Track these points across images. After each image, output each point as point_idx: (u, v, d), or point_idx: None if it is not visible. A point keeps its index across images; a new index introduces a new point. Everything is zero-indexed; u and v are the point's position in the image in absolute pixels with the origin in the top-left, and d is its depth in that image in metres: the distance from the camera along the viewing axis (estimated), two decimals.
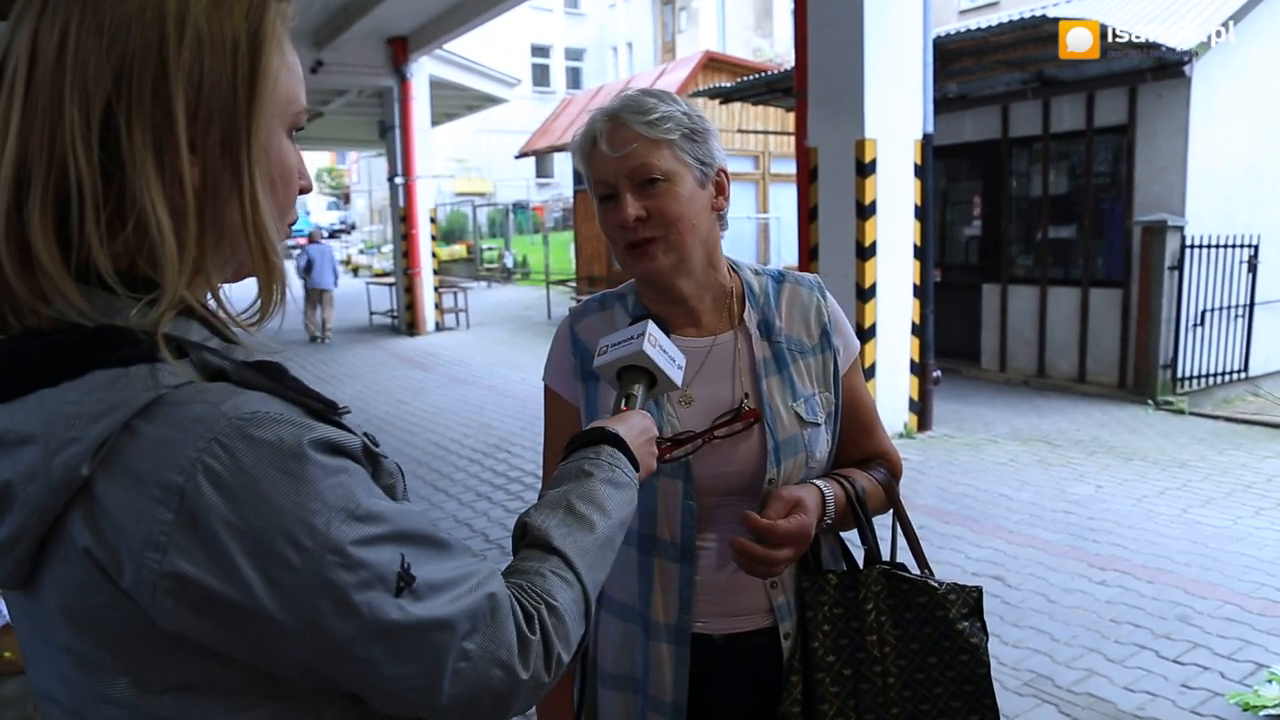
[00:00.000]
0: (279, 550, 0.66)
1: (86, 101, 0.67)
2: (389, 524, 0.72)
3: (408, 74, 14.52)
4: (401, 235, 15.43)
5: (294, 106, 0.78)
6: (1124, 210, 8.91)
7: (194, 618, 0.66)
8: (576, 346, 1.47)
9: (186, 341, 0.70)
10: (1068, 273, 9.54)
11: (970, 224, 10.68)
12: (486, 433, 8.10)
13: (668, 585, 1.40)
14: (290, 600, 0.67)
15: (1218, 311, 8.80)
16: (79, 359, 0.67)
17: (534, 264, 24.26)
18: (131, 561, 0.64)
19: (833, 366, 1.45)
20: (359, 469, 0.73)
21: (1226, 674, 3.57)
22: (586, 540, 0.91)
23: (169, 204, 0.69)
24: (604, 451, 1.03)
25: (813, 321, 1.46)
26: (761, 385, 1.40)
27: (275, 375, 0.73)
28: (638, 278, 1.42)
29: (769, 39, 30.32)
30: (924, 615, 1.40)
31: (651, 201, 1.33)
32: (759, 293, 1.46)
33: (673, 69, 16.19)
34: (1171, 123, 8.46)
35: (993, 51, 8.43)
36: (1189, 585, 4.45)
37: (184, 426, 0.65)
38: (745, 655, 1.41)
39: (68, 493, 0.65)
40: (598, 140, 1.35)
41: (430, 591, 0.73)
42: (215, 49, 0.70)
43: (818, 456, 1.41)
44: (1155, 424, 7.97)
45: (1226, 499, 5.81)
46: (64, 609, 0.69)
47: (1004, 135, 9.90)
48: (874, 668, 1.39)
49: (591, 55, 36.69)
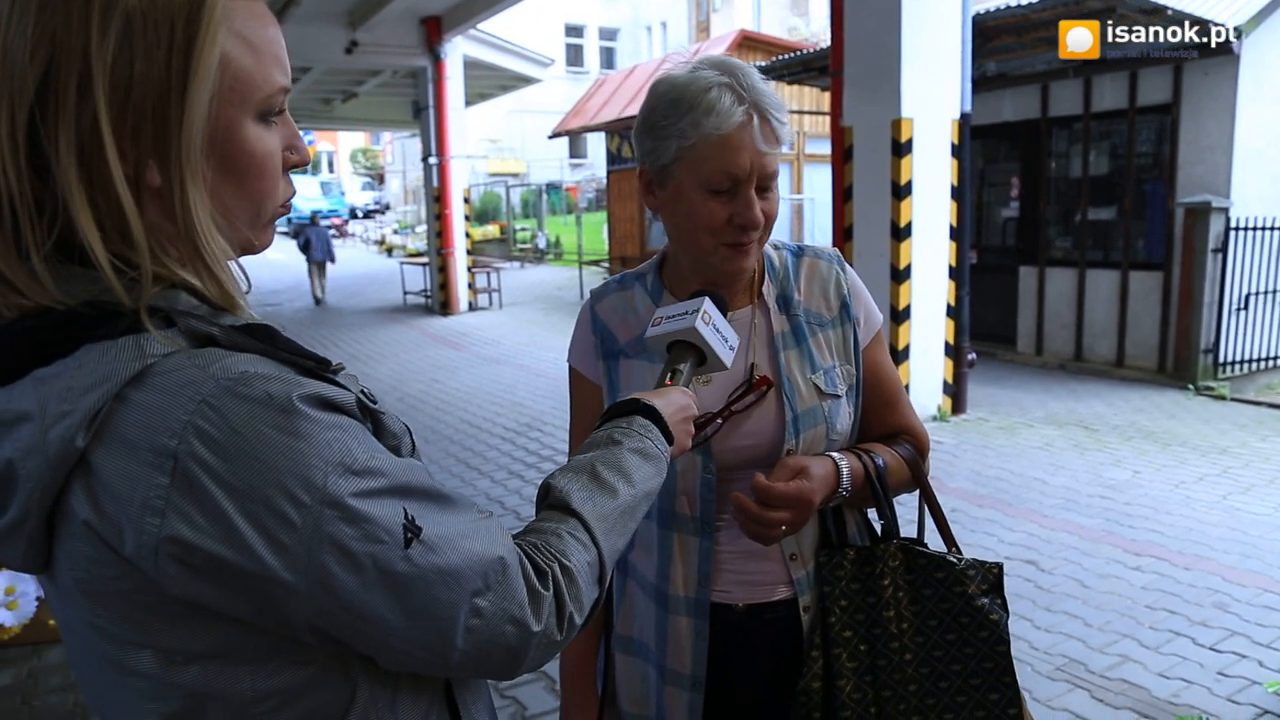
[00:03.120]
0: (277, 507, 0.66)
1: (12, 114, 0.67)
2: (389, 478, 0.72)
3: (441, 54, 14.53)
4: (435, 215, 15.49)
5: (261, 90, 0.75)
6: (1166, 191, 8.75)
7: (198, 581, 0.66)
8: (596, 326, 1.47)
9: (174, 311, 0.71)
10: (1107, 255, 9.39)
11: (1008, 205, 10.53)
12: (519, 412, 8.15)
13: (687, 558, 1.40)
14: (293, 558, 0.66)
15: (1262, 295, 8.63)
16: (69, 336, 0.68)
17: (567, 244, 24.27)
18: (131, 529, 0.65)
19: (853, 339, 1.43)
20: (354, 424, 0.72)
21: (1265, 662, 3.52)
22: (607, 506, 0.91)
23: (102, 202, 0.68)
24: (636, 422, 1.02)
25: (832, 294, 1.44)
26: (780, 358, 1.39)
27: (265, 337, 0.72)
28: (728, 274, 1.36)
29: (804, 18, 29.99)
30: (942, 591, 1.39)
31: (766, 205, 1.31)
32: (778, 267, 1.45)
33: (707, 48, 16.06)
34: (1218, 101, 8.28)
35: (1033, 29, 8.27)
36: (1227, 572, 4.39)
37: (173, 391, 0.66)
38: (766, 626, 1.41)
39: (66, 465, 0.66)
40: (746, 127, 1.25)
41: (439, 544, 0.73)
42: (147, 38, 0.68)
43: (838, 429, 1.40)
44: (1195, 409, 7.84)
45: (1268, 486, 5.71)
46: (79, 584, 0.70)
47: (1043, 115, 9.74)
48: (891, 644, 1.38)
49: (625, 35, 36.50)
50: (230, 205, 0.76)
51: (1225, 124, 8.26)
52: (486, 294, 16.18)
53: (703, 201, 1.29)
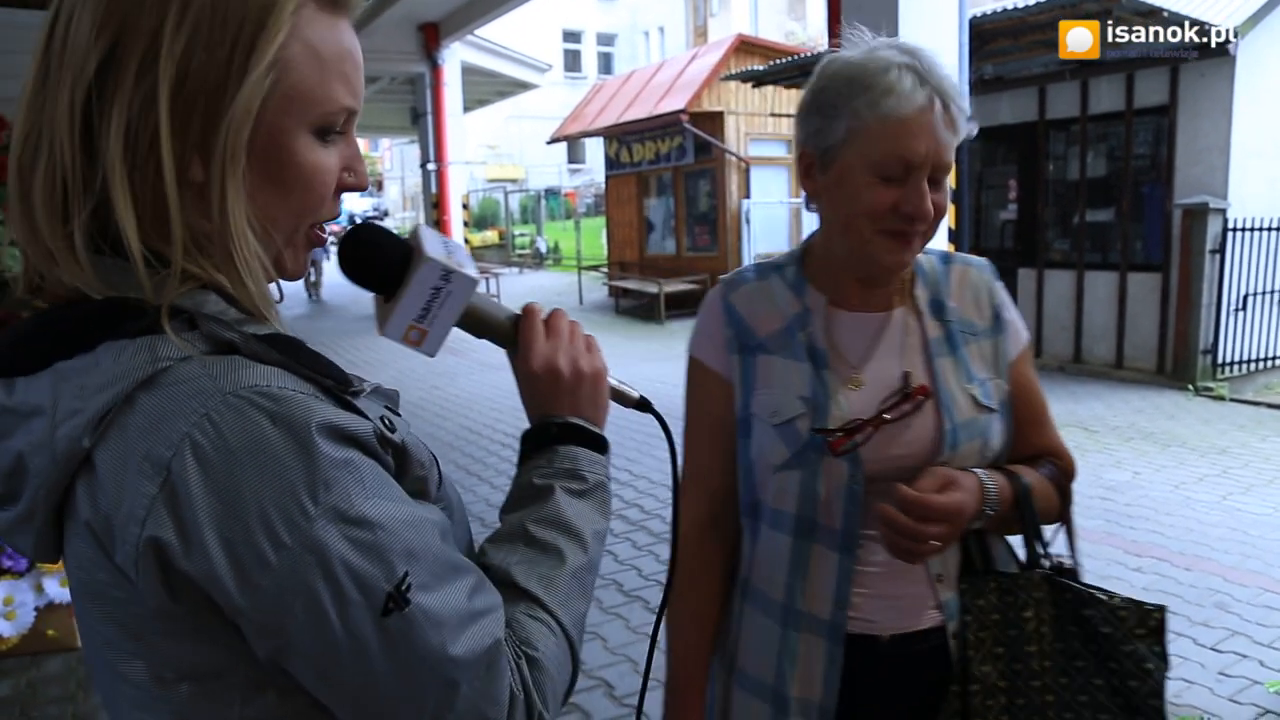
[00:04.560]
0: (256, 543, 0.62)
1: (74, 84, 0.67)
2: (388, 533, 0.66)
3: (439, 60, 14.55)
4: (434, 221, 15.49)
5: (320, 105, 0.72)
6: (1164, 193, 8.76)
7: (172, 597, 0.64)
8: (731, 317, 1.37)
9: (199, 313, 0.68)
10: (1105, 257, 9.40)
11: (1006, 207, 10.54)
12: (519, 418, 8.06)
13: (823, 576, 1.29)
14: (261, 598, 0.63)
15: (1260, 296, 8.64)
16: (91, 331, 0.67)
17: (566, 250, 24.29)
18: (120, 534, 0.63)
19: (1003, 352, 1.35)
20: (366, 463, 0.68)
21: (1266, 662, 3.53)
22: (555, 574, 0.81)
23: (142, 188, 0.67)
24: (558, 455, 0.87)
25: (984, 303, 1.36)
26: (935, 365, 1.29)
27: (288, 349, 0.69)
28: (886, 267, 1.27)
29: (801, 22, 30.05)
30: (1090, 630, 1.25)
31: (937, 197, 1.22)
32: (928, 271, 1.36)
33: (705, 53, 16.09)
34: (1215, 103, 8.29)
35: (1030, 32, 8.28)
36: (1228, 572, 4.39)
37: (180, 400, 0.63)
38: (913, 661, 1.30)
39: (71, 465, 0.65)
40: (929, 112, 1.19)
41: (425, 621, 0.66)
42: (214, 31, 0.67)
43: (993, 445, 1.30)
44: (1194, 410, 7.85)
45: (1268, 486, 5.72)
46: (80, 584, 0.69)
47: (1041, 117, 9.76)
48: (1031, 682, 1.26)
49: (623, 40, 36.56)
50: (270, 214, 0.73)
51: (1222, 125, 8.27)
52: None
53: (869, 186, 1.21)
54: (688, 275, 14.93)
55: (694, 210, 15.49)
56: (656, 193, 16.35)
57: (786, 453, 1.30)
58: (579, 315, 15.36)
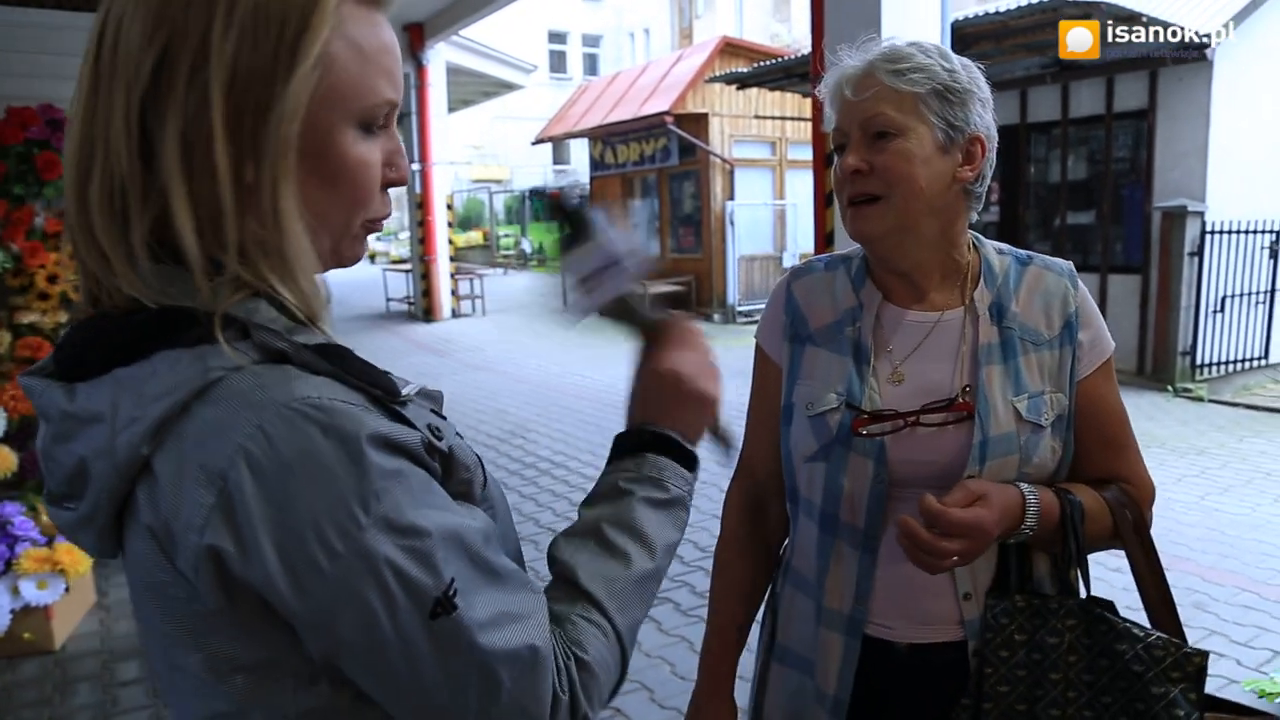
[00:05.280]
0: (309, 551, 0.64)
1: (128, 92, 0.68)
2: (435, 541, 0.68)
3: (424, 60, 14.49)
4: (418, 222, 15.44)
5: (364, 99, 0.74)
6: (1143, 196, 8.84)
7: (229, 600, 0.66)
8: (790, 305, 1.38)
9: (251, 323, 0.69)
10: (1086, 259, 9.47)
11: (988, 210, 10.60)
12: (502, 419, 8.13)
13: (844, 571, 1.29)
14: (315, 602, 0.65)
15: (1238, 298, 8.73)
16: (148, 339, 0.69)
17: (550, 251, 24.24)
18: (180, 540, 0.66)
19: (1069, 365, 1.27)
20: (415, 472, 0.69)
21: (1243, 661, 3.56)
22: (619, 578, 0.82)
23: (200, 192, 0.68)
24: (646, 463, 0.88)
25: (1055, 311, 1.28)
26: (980, 373, 1.24)
27: (338, 359, 0.70)
28: (858, 239, 1.28)
29: (786, 24, 30.12)
30: (1120, 667, 1.21)
31: (879, 157, 1.21)
32: (998, 272, 1.31)
33: (690, 54, 16.11)
34: (1193, 106, 8.38)
35: (1012, 35, 8.35)
36: (1206, 572, 4.43)
37: (234, 410, 0.65)
38: (931, 670, 1.29)
39: (131, 471, 0.67)
40: (842, 84, 1.25)
41: (470, 624, 0.69)
42: (260, 34, 0.69)
43: (1034, 462, 1.24)
44: (1174, 411, 7.92)
45: (1245, 486, 5.78)
46: (141, 582, 0.72)
47: (1022, 120, 9.82)
48: (1051, 710, 1.23)
49: (608, 41, 36.56)
50: (322, 211, 0.74)
51: (1200, 129, 8.36)
52: (470, 300, 16.13)
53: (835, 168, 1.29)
54: (672, 277, 14.94)
55: (678, 212, 15.51)
56: (641, 194, 16.37)
57: (815, 445, 1.30)
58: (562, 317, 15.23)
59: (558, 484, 6.14)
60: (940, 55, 1.25)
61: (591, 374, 10.31)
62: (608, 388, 9.44)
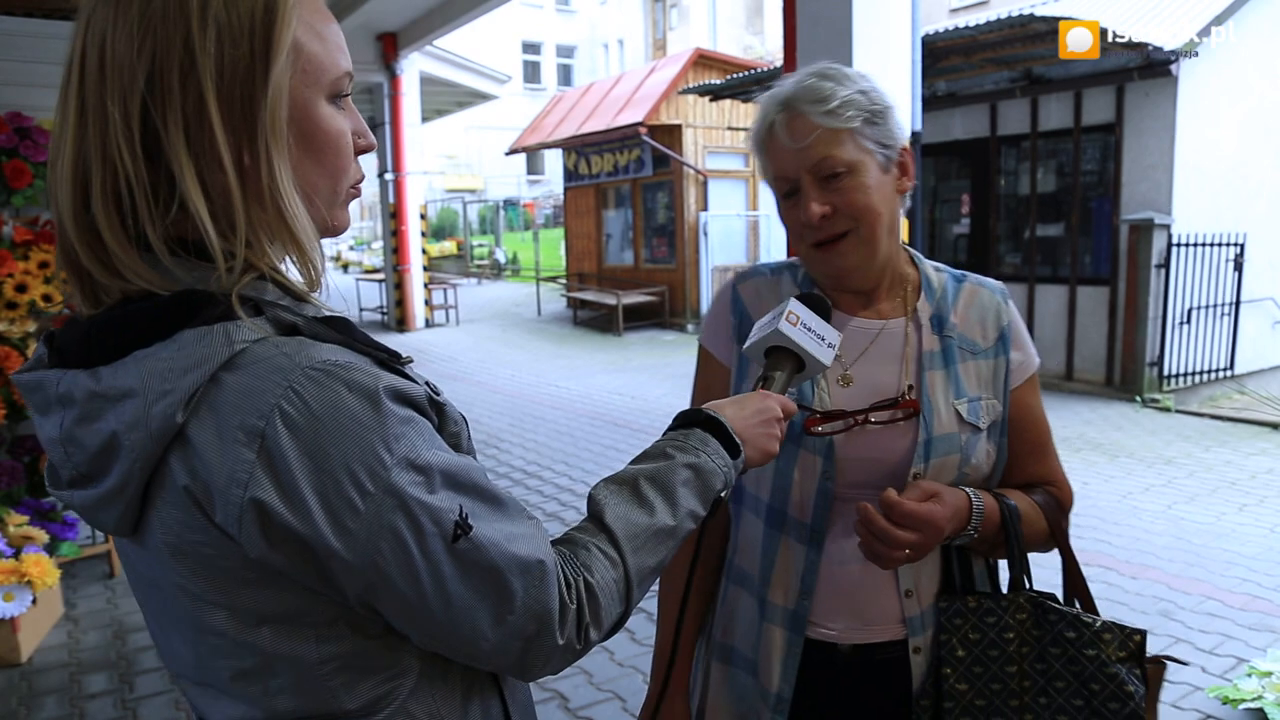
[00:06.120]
0: (345, 492, 0.71)
1: (124, 101, 0.74)
2: (448, 476, 0.77)
3: (398, 70, 14.47)
4: (391, 231, 15.38)
5: (330, 74, 0.82)
6: (1111, 208, 8.96)
7: (273, 548, 0.72)
8: (736, 306, 1.42)
9: (262, 300, 0.77)
10: (1055, 271, 9.59)
11: (959, 222, 10.71)
12: (475, 429, 8.08)
13: (790, 567, 1.33)
14: (354, 540, 0.72)
15: (1204, 309, 8.86)
16: (169, 321, 0.74)
17: (524, 261, 24.24)
18: (221, 497, 0.71)
19: (1004, 374, 1.36)
20: (423, 421, 0.78)
21: (1208, 668, 3.61)
22: (640, 523, 0.92)
23: (210, 184, 0.75)
24: (694, 435, 1.01)
25: (990, 324, 1.37)
26: (924, 376, 1.32)
27: (343, 329, 0.79)
28: (827, 278, 1.34)
29: (760, 36, 30.33)
30: (1071, 652, 1.28)
31: (837, 196, 1.26)
32: (936, 287, 1.39)
33: (663, 66, 16.17)
34: (1159, 121, 8.51)
35: (981, 50, 8.46)
36: (1172, 581, 4.49)
37: (263, 375, 0.71)
38: (873, 669, 1.33)
39: (166, 439, 0.72)
40: (775, 130, 1.28)
41: (485, 543, 0.78)
42: (234, 31, 0.75)
43: (972, 462, 1.32)
44: (1142, 421, 8.02)
45: (1210, 495, 5.86)
46: (168, 546, 0.76)
47: (992, 133, 9.94)
48: (1010, 701, 1.29)
49: (582, 52, 36.63)
50: (312, 181, 0.82)
51: (1166, 143, 8.49)
52: (443, 310, 16.08)
53: (784, 210, 1.33)
54: (646, 287, 14.97)
55: (652, 222, 15.54)
56: (615, 204, 16.39)
57: None
58: (537, 327, 15.42)
59: (531, 494, 6.13)
60: (852, 80, 1.29)
61: (565, 384, 10.30)
62: (581, 398, 9.44)
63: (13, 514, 4.07)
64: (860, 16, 6.54)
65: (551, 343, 13.82)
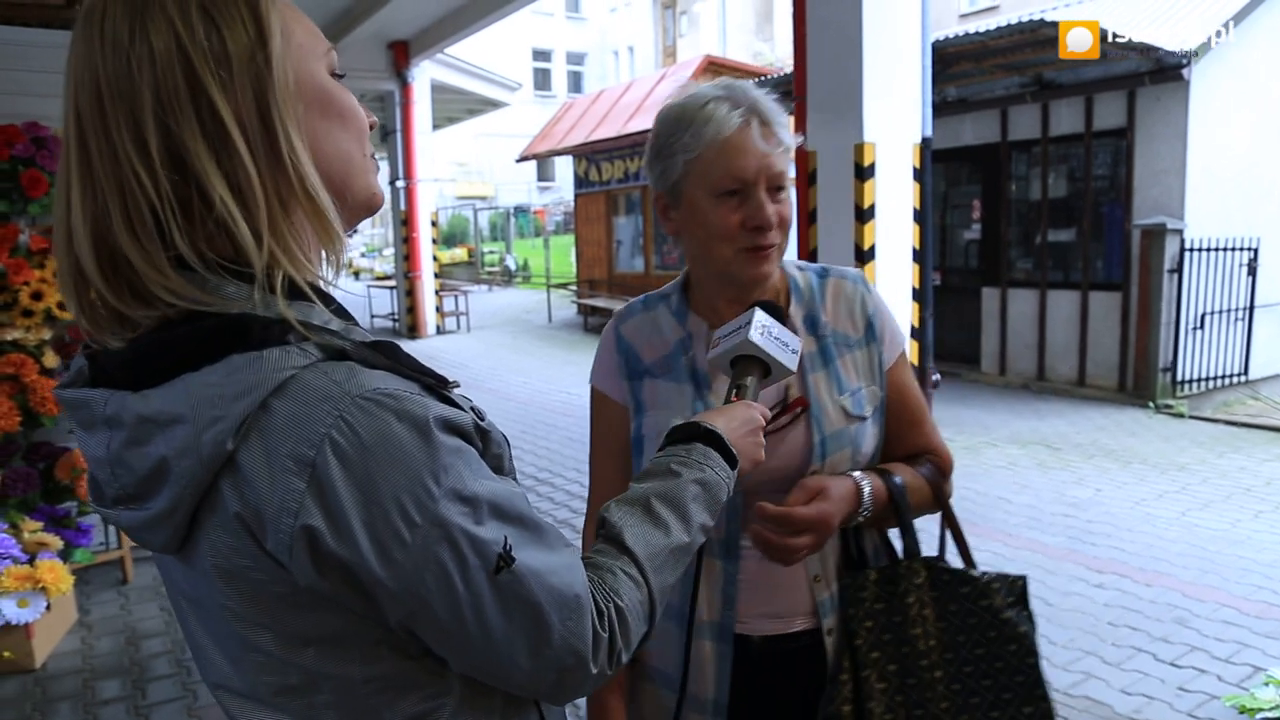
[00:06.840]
0: (393, 523, 0.72)
1: (138, 130, 0.73)
2: (494, 506, 0.78)
3: (409, 78, 14.54)
4: (403, 239, 15.44)
5: (321, 45, 0.84)
6: (1123, 213, 8.93)
7: (320, 575, 0.72)
8: (621, 345, 1.47)
9: (310, 325, 0.76)
10: (1067, 276, 9.55)
11: (970, 227, 10.69)
12: None
13: (713, 582, 1.38)
14: (399, 570, 0.73)
15: (1217, 314, 8.81)
16: (218, 345, 0.74)
17: (535, 267, 24.26)
18: (272, 525, 0.71)
19: (878, 359, 1.43)
20: (470, 450, 0.78)
21: (1224, 676, 3.58)
22: (659, 543, 0.94)
23: (238, 186, 0.74)
24: (696, 450, 1.03)
25: (857, 314, 1.43)
26: (808, 380, 1.37)
27: (391, 354, 0.78)
28: (750, 280, 1.37)
29: (769, 42, 30.35)
30: (968, 606, 1.38)
31: (779, 208, 1.32)
32: (804, 288, 1.44)
33: (673, 72, 16.18)
34: (1170, 126, 8.48)
35: (991, 55, 8.44)
36: (1187, 588, 4.46)
37: (313, 404, 0.71)
38: (786, 656, 1.40)
39: (216, 465, 0.72)
40: (750, 131, 1.30)
41: (527, 575, 0.78)
42: (223, 20, 0.75)
43: (864, 451, 1.39)
44: (1155, 427, 7.98)
45: (1225, 502, 5.82)
46: (217, 568, 0.76)
47: (1003, 139, 9.92)
48: (920, 661, 1.36)
49: (593, 59, 36.72)
50: (345, 149, 0.84)
51: (1178, 148, 8.46)
52: (454, 317, 16.12)
53: (714, 209, 1.32)
54: None
55: (662, 229, 15.53)
56: (625, 211, 16.41)
57: None
58: (548, 333, 15.43)
59: (542, 500, 6.13)
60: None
61: (577, 391, 10.30)
62: None
63: (27, 520, 4.09)
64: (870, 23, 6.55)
65: (562, 349, 13.83)
